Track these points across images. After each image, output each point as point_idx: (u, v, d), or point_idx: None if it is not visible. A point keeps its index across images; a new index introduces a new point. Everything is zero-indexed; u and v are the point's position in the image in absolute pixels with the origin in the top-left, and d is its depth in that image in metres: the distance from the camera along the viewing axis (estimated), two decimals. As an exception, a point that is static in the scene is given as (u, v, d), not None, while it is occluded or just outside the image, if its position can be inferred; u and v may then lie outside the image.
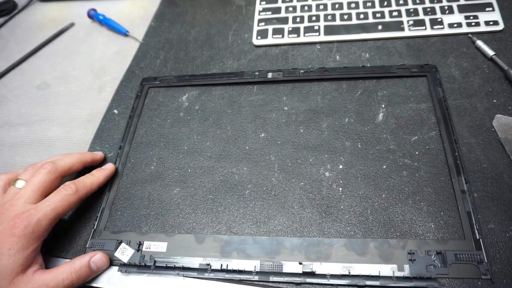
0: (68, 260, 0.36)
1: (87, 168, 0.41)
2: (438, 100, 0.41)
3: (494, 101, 0.40)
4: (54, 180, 0.36)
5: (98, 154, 0.42)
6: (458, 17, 0.48)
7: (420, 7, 0.49)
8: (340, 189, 0.37)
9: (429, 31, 0.47)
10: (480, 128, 0.38)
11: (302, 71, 0.46)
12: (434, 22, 0.48)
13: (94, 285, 0.35)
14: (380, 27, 0.49)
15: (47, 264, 0.36)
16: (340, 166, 0.38)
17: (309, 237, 0.34)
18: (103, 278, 0.35)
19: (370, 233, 0.34)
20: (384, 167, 0.37)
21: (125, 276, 0.35)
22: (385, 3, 0.51)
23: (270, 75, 0.47)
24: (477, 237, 0.31)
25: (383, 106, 0.42)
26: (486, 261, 0.30)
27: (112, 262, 0.36)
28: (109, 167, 0.41)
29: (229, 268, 0.33)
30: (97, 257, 0.34)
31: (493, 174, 0.35)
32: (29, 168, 0.37)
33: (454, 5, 0.49)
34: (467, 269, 0.30)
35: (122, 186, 0.41)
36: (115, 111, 0.48)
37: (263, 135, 0.42)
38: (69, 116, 0.50)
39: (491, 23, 0.46)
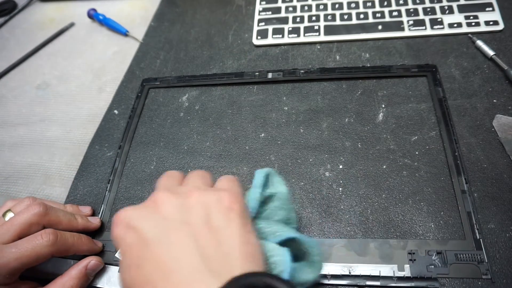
0: (68, 260, 0.36)
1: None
2: (438, 100, 0.41)
3: (494, 101, 0.40)
4: (36, 224, 0.31)
5: (93, 224, 0.37)
6: (458, 17, 0.48)
7: (420, 7, 0.49)
8: (340, 189, 0.37)
9: (429, 31, 0.47)
10: (480, 128, 0.38)
11: (302, 71, 0.46)
12: (434, 22, 0.48)
13: (94, 285, 0.35)
14: (380, 27, 0.49)
15: (50, 264, 0.35)
16: (340, 166, 0.38)
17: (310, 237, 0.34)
18: (103, 278, 0.35)
19: (370, 233, 0.34)
20: (384, 167, 0.37)
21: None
22: (385, 3, 0.51)
23: (270, 75, 0.47)
24: (478, 237, 0.31)
25: (383, 106, 0.42)
26: (486, 260, 0.30)
27: (113, 263, 0.36)
28: (99, 245, 0.36)
29: None
30: (92, 264, 0.33)
31: (493, 174, 0.35)
32: (25, 201, 0.33)
33: (454, 5, 0.49)
34: (467, 269, 0.30)
35: (122, 186, 0.41)
36: (116, 111, 0.48)
37: (263, 135, 0.42)
38: (69, 116, 0.50)
39: (491, 23, 0.46)
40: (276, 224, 0.26)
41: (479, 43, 0.44)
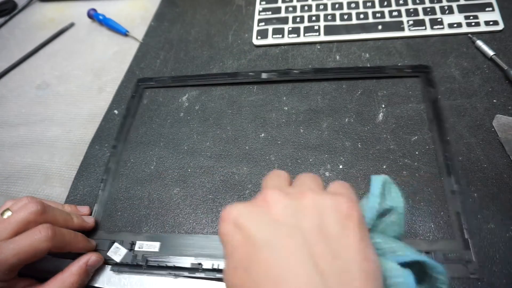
0: (67, 260, 0.36)
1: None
2: (431, 101, 0.41)
3: (494, 101, 0.40)
4: (33, 223, 0.31)
5: (88, 223, 0.37)
6: (458, 17, 0.48)
7: (420, 7, 0.49)
8: (340, 189, 0.37)
9: (429, 31, 0.47)
10: (480, 128, 0.38)
11: (296, 71, 0.46)
12: (434, 22, 0.48)
13: (94, 285, 0.35)
14: (380, 27, 0.49)
15: (51, 263, 0.35)
16: (340, 166, 0.38)
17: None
18: (103, 278, 0.35)
19: (370, 233, 0.34)
20: (384, 167, 0.37)
21: (126, 276, 0.35)
22: (385, 3, 0.51)
23: (264, 75, 0.47)
24: (466, 237, 0.32)
25: (383, 106, 0.42)
26: (474, 260, 0.30)
27: (106, 261, 0.36)
28: (93, 243, 0.36)
29: (220, 267, 0.33)
30: (93, 260, 0.34)
31: (493, 174, 0.35)
32: (23, 200, 0.33)
33: (454, 5, 0.49)
34: (455, 269, 0.30)
35: (122, 186, 0.41)
36: (116, 111, 0.48)
37: (263, 135, 0.42)
38: (69, 116, 0.50)
39: (491, 23, 0.46)
40: (394, 241, 0.22)
41: (479, 43, 0.44)
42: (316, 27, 0.51)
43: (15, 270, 0.30)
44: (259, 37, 0.52)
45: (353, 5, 0.52)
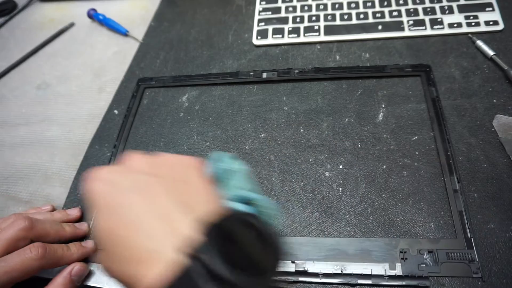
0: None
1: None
2: (431, 100, 0.41)
3: (494, 101, 0.40)
4: (23, 239, 0.31)
5: (82, 230, 0.37)
6: (458, 17, 0.48)
7: (420, 7, 0.49)
8: (340, 189, 0.37)
9: (429, 31, 0.47)
10: (480, 128, 0.38)
11: (296, 71, 0.46)
12: (434, 22, 0.48)
13: (94, 285, 0.35)
14: (380, 27, 0.49)
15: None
16: (340, 166, 0.38)
17: (303, 237, 0.34)
18: (103, 278, 0.35)
19: (370, 233, 0.34)
20: (384, 167, 0.37)
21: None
22: (385, 3, 0.51)
23: (265, 75, 0.47)
24: (469, 236, 0.32)
25: (383, 106, 0.42)
26: (477, 259, 0.30)
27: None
28: (89, 245, 0.35)
29: None
30: (76, 270, 0.33)
31: (493, 174, 0.35)
32: (11, 218, 0.33)
33: (454, 5, 0.49)
34: (458, 268, 0.30)
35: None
36: (116, 111, 0.48)
37: (263, 135, 0.42)
38: (69, 116, 0.50)
39: (491, 23, 0.46)
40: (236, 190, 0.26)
41: (479, 43, 0.44)
42: (316, 27, 0.51)
43: None
44: (259, 37, 0.52)
45: (353, 5, 0.52)
